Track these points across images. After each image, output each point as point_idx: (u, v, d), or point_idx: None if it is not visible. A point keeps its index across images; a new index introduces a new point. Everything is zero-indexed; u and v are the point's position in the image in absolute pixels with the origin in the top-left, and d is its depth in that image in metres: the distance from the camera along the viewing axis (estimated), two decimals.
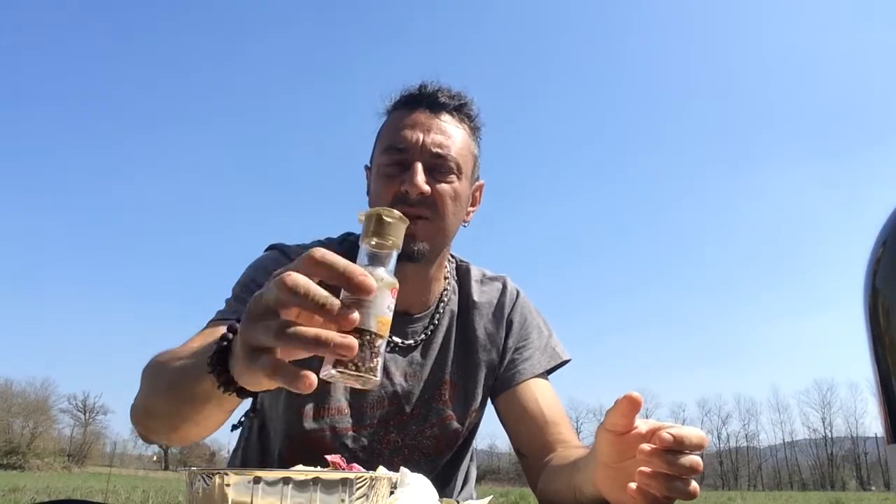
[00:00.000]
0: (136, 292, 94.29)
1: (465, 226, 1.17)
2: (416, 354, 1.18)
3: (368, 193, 1.15)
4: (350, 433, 1.13)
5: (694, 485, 0.67)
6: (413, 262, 1.07)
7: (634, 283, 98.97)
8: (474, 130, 1.15)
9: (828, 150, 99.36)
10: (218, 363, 0.65)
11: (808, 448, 70.60)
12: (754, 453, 73.10)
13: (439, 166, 1.06)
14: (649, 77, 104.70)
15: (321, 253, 0.57)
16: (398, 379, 1.16)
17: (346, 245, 1.22)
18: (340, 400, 1.12)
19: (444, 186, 1.06)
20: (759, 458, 73.14)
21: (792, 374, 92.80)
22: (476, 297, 1.24)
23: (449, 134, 1.08)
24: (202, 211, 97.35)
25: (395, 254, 0.61)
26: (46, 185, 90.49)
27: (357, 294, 0.56)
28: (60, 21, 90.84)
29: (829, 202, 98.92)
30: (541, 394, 1.17)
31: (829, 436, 68.55)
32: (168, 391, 0.80)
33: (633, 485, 0.68)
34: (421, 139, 1.06)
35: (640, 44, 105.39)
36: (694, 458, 0.67)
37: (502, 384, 1.19)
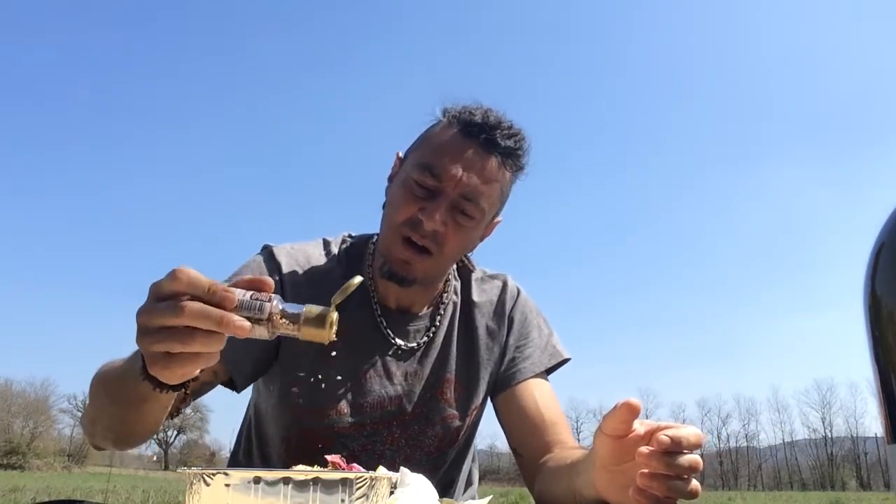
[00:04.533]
0: (137, 292, 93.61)
1: (467, 254, 1.19)
2: (418, 354, 1.18)
3: (388, 187, 1.13)
4: (349, 433, 1.12)
5: (695, 483, 0.68)
6: (402, 287, 1.10)
7: (634, 283, 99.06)
8: (517, 172, 1.11)
9: (827, 149, 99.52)
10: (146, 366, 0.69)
11: (808, 448, 70.58)
12: (754, 453, 73.06)
13: (464, 208, 1.04)
14: (650, 76, 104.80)
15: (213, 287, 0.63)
16: (399, 379, 1.16)
17: (345, 246, 1.22)
18: (340, 400, 1.12)
19: (458, 230, 1.05)
20: (759, 458, 73.11)
21: (792, 374, 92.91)
22: (477, 295, 1.24)
23: (488, 181, 1.05)
24: (204, 211, 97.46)
25: (293, 333, 0.66)
26: (47, 184, 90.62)
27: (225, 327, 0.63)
28: (60, 17, 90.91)
29: (830, 201, 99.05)
30: (540, 394, 1.17)
31: (829, 436, 68.56)
32: (111, 398, 0.83)
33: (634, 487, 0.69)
34: (459, 176, 1.02)
35: (640, 42, 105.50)
36: (693, 458, 0.68)
37: (502, 383, 1.20)
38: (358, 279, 0.71)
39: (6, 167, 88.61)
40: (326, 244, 1.21)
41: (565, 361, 1.24)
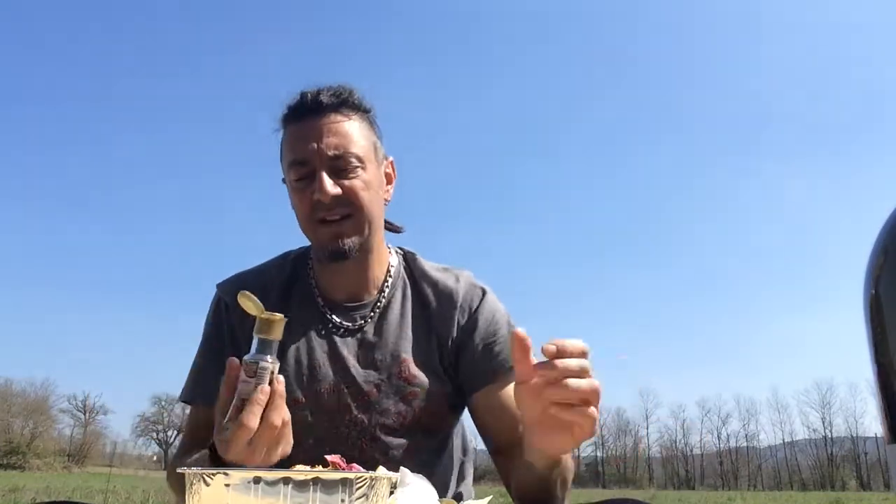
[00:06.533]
0: (137, 292, 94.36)
1: (386, 204, 1.23)
2: (369, 335, 1.19)
3: (292, 206, 1.20)
4: (312, 421, 1.15)
5: (592, 410, 0.74)
6: (348, 260, 1.15)
7: (634, 283, 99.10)
8: (366, 115, 1.19)
9: (828, 150, 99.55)
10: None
11: (808, 448, 70.67)
12: (754, 453, 73.14)
13: (342, 166, 1.11)
14: (650, 73, 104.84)
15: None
16: (352, 361, 1.17)
17: (293, 255, 1.29)
18: (295, 391, 1.15)
19: (353, 182, 1.12)
20: (759, 458, 73.20)
21: (792, 374, 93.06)
22: (433, 283, 1.24)
23: (341, 132, 1.12)
24: (202, 211, 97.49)
25: (276, 343, 0.82)
26: (47, 184, 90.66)
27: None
28: (60, 18, 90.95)
29: (831, 201, 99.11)
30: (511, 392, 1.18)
31: (829, 436, 68.65)
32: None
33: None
34: (316, 147, 1.10)
35: (641, 39, 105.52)
36: (578, 361, 0.74)
37: (476, 382, 1.18)
38: (242, 292, 0.83)
39: (6, 167, 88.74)
40: (284, 256, 1.30)
41: None
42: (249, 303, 0.82)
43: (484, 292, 1.25)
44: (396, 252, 1.29)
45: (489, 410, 1.17)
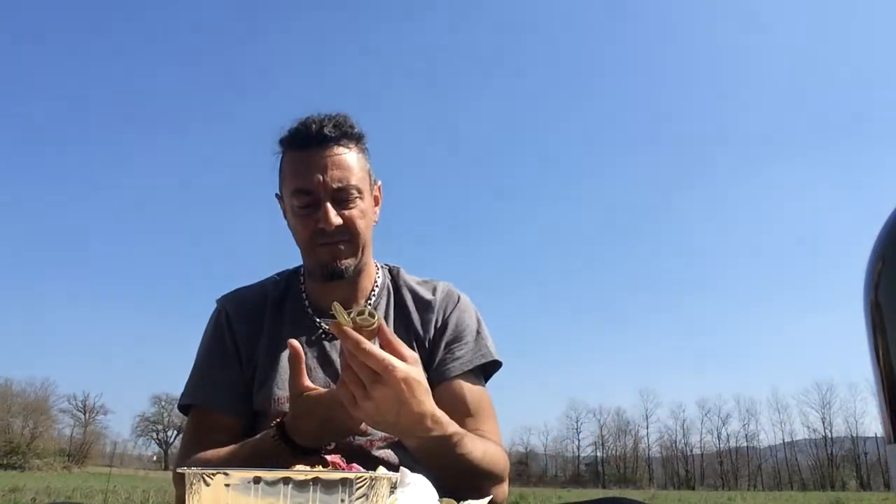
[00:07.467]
0: (136, 292, 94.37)
1: (374, 224, 1.32)
2: None
3: (287, 223, 1.29)
4: None
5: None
6: (345, 280, 1.25)
7: (634, 283, 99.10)
8: (361, 143, 1.28)
9: (829, 149, 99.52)
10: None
11: (808, 448, 70.71)
12: (754, 453, 73.18)
13: (344, 197, 1.22)
14: (648, 72, 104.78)
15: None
16: (341, 363, 1.20)
17: (285, 278, 1.37)
18: (286, 390, 1.18)
19: (352, 212, 1.22)
20: (759, 458, 73.23)
21: (792, 374, 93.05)
22: (413, 292, 1.34)
23: (344, 165, 1.22)
24: (201, 211, 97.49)
25: (375, 341, 0.92)
26: (46, 183, 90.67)
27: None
28: (60, 19, 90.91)
29: (831, 202, 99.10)
30: (468, 390, 1.23)
31: (829, 436, 68.69)
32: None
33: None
34: (322, 179, 1.20)
35: (642, 38, 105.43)
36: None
37: (435, 377, 1.23)
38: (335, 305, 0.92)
39: (7, 166, 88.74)
40: (280, 274, 1.39)
41: (496, 364, 1.30)
42: (340, 307, 0.90)
43: (459, 299, 1.35)
44: (382, 267, 1.40)
45: (442, 404, 1.19)
